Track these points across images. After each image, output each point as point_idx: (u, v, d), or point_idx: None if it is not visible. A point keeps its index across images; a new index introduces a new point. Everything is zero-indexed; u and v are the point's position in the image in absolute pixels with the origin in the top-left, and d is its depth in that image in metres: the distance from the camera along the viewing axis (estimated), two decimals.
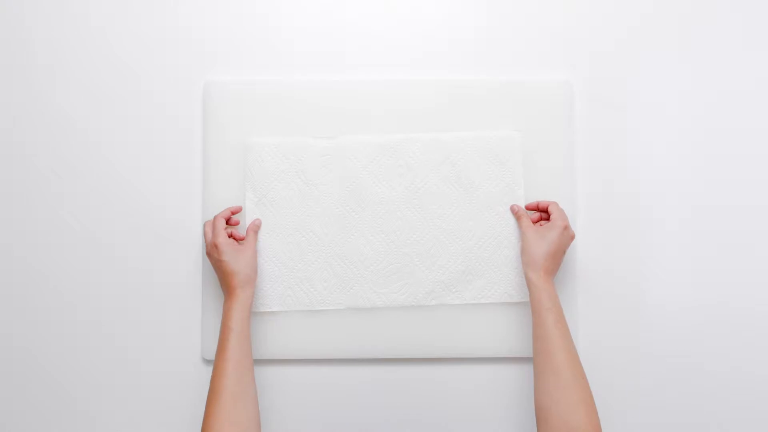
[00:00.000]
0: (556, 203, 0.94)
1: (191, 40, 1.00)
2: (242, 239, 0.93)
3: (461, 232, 0.97)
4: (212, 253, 0.89)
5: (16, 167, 0.99)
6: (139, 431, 0.97)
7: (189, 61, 1.00)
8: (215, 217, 0.92)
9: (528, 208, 0.97)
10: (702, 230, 0.99)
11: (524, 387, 0.96)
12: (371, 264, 0.96)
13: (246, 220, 0.96)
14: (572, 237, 0.92)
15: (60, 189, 0.99)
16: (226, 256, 0.88)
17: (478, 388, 0.97)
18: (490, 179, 0.97)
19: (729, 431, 0.97)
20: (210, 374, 0.86)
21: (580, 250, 0.98)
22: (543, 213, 0.96)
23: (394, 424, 0.97)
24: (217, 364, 0.84)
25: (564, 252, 0.92)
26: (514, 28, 1.01)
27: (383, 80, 0.99)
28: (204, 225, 0.93)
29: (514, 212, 0.96)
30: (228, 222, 0.93)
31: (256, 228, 0.95)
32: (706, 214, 0.99)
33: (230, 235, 0.92)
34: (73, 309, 0.98)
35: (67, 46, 1.00)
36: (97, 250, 0.98)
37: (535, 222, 0.95)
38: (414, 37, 1.01)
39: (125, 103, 1.00)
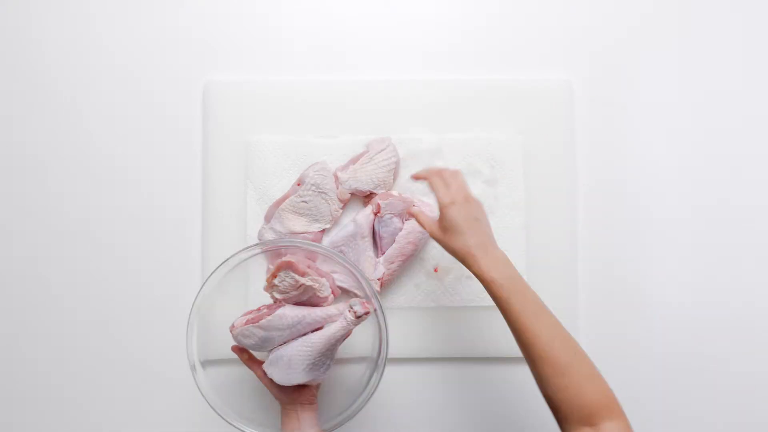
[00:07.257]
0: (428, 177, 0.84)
1: (191, 40, 1.00)
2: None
3: None
4: None
5: (16, 167, 0.99)
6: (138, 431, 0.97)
7: (189, 61, 1.00)
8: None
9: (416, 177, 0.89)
10: (702, 230, 0.99)
11: (525, 385, 0.96)
12: None
13: (247, 216, 0.96)
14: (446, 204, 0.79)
15: (60, 189, 0.99)
16: None
17: (474, 387, 0.97)
18: (491, 181, 0.97)
19: (729, 430, 0.97)
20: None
21: (580, 249, 0.98)
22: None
23: (395, 424, 0.97)
24: None
25: (453, 219, 0.78)
26: (514, 28, 1.01)
27: (383, 80, 0.99)
28: None
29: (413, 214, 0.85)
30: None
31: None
32: (706, 214, 0.99)
33: None
34: (73, 309, 0.97)
35: (67, 46, 1.00)
36: (97, 249, 0.98)
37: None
38: (414, 37, 1.01)
39: (125, 103, 1.00)
